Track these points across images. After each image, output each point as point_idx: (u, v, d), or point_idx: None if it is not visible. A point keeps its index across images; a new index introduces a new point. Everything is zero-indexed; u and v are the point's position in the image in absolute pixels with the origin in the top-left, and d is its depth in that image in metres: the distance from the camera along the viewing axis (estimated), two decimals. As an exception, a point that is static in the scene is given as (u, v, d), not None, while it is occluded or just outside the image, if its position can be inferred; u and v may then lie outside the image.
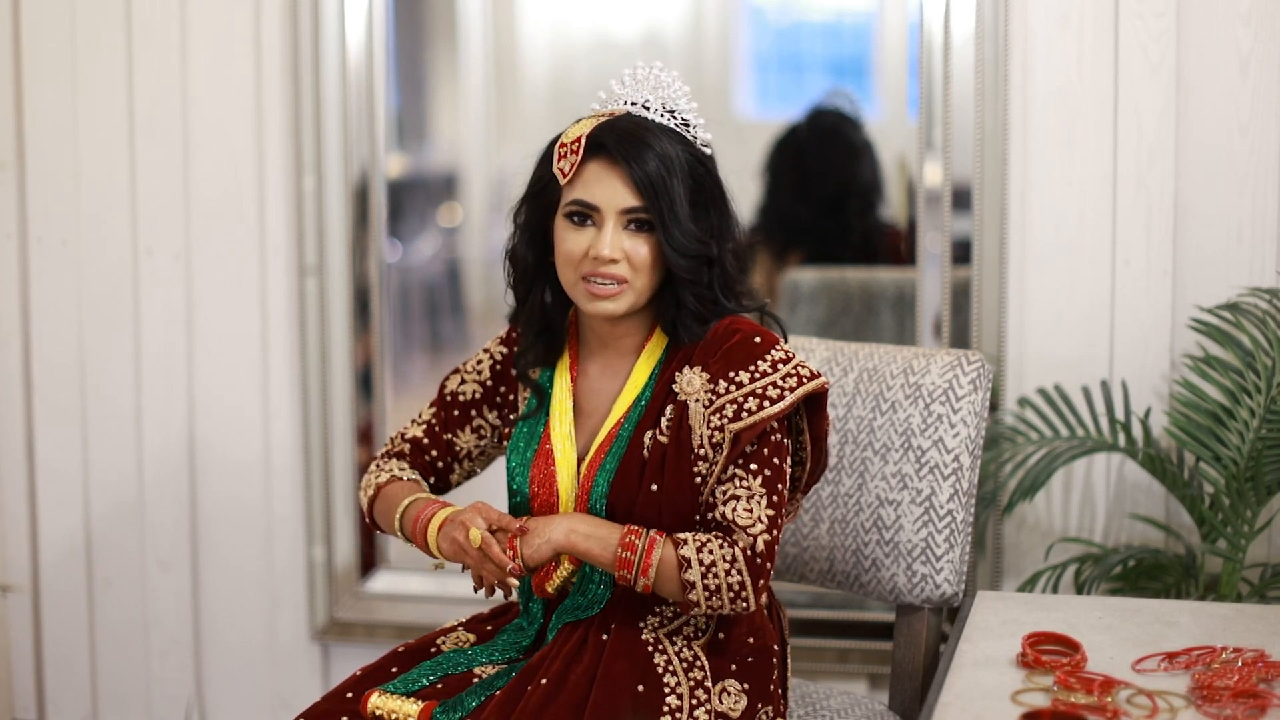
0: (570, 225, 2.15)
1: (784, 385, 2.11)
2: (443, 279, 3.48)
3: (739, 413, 2.11)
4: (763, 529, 2.09)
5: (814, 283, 3.24)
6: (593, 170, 2.13)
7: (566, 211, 2.15)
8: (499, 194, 3.40)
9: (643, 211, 2.12)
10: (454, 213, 3.48)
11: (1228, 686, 1.87)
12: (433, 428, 2.36)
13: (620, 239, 2.12)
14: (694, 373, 2.15)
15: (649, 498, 2.15)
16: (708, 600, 2.09)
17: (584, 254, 2.13)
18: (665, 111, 2.18)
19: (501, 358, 2.35)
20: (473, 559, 2.12)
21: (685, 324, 2.17)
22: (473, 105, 3.46)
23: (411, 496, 2.24)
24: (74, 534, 3.41)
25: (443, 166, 3.52)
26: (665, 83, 2.19)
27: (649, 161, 2.11)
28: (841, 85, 3.26)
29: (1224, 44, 2.85)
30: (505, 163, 3.41)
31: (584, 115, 2.21)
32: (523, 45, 3.36)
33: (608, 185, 2.12)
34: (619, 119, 2.15)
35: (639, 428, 2.18)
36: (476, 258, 3.46)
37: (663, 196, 2.11)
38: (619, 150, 2.11)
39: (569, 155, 2.14)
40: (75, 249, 3.34)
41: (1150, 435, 2.79)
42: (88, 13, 3.28)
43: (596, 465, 2.19)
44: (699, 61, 3.27)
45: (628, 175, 2.11)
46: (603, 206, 2.13)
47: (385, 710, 2.14)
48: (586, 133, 2.13)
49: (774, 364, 2.13)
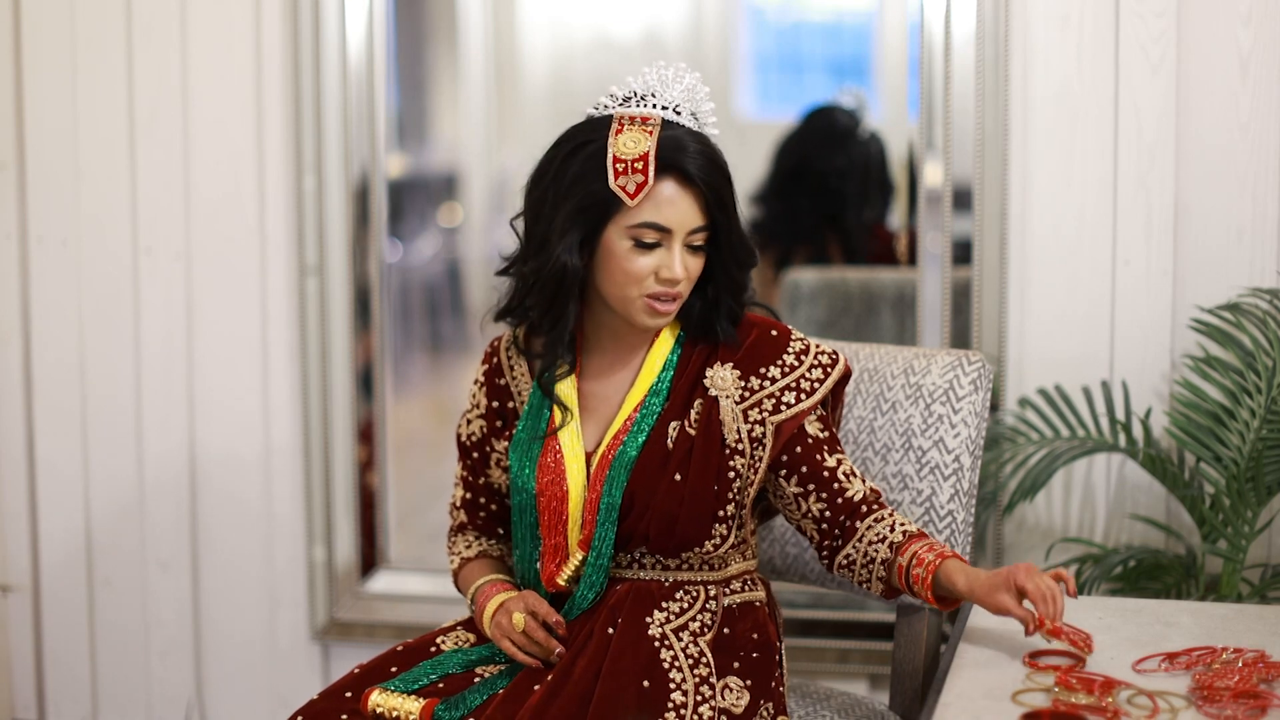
0: (637, 246, 2.13)
1: (813, 376, 2.21)
2: (443, 279, 3.49)
3: (779, 406, 2.19)
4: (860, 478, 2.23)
5: (814, 283, 3.24)
6: (666, 191, 2.12)
7: (635, 234, 2.13)
8: (499, 194, 3.40)
9: (705, 230, 2.15)
10: (454, 213, 3.48)
11: (1228, 687, 1.87)
12: (469, 481, 2.38)
13: (686, 258, 2.14)
14: (725, 369, 2.20)
15: (671, 488, 2.16)
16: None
17: (651, 274, 2.14)
18: (690, 114, 2.18)
19: (485, 375, 2.35)
20: (518, 642, 2.19)
21: (723, 326, 2.22)
22: (473, 105, 3.46)
23: (477, 583, 2.31)
24: (74, 534, 3.41)
25: (443, 166, 3.52)
26: (690, 85, 2.19)
27: (715, 179, 2.13)
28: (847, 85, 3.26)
29: (1224, 44, 2.85)
30: (505, 163, 3.41)
31: (596, 110, 2.18)
32: (523, 45, 3.36)
33: (679, 205, 2.12)
34: (676, 133, 2.14)
35: (661, 419, 2.19)
36: (477, 258, 3.46)
37: (728, 212, 2.15)
38: (693, 170, 2.11)
39: (633, 174, 2.11)
40: (75, 249, 3.34)
41: (1150, 435, 2.79)
42: (88, 13, 3.28)
43: (609, 459, 2.19)
44: (699, 61, 3.27)
45: (702, 198, 2.13)
46: (675, 229, 2.13)
47: (386, 708, 2.14)
48: (653, 151, 2.11)
49: (798, 355, 2.22)
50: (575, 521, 2.21)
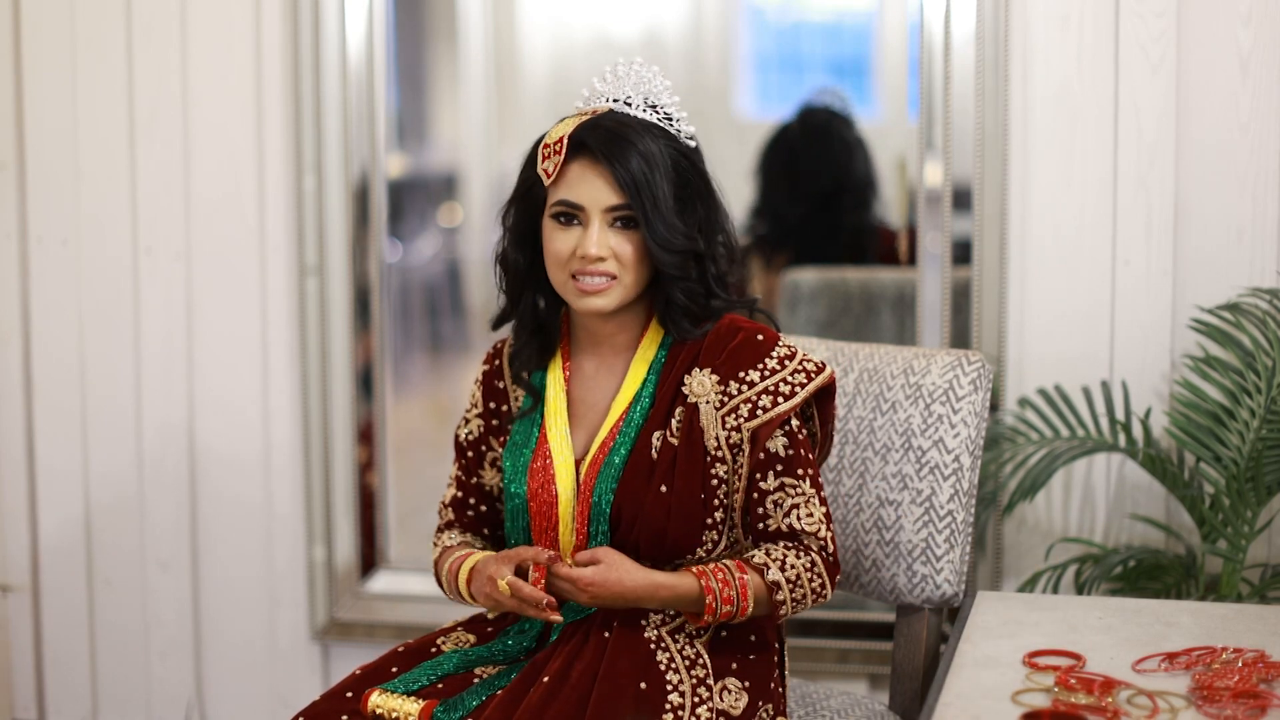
0: (557, 225, 2.17)
1: (794, 381, 2.16)
2: (443, 279, 3.49)
3: (755, 411, 2.15)
4: (825, 527, 2.17)
5: (814, 283, 3.24)
6: (576, 170, 2.15)
7: (553, 212, 2.17)
8: (499, 194, 3.40)
9: (626, 209, 2.14)
10: (454, 213, 3.48)
11: (1228, 687, 1.87)
12: (462, 480, 2.38)
13: (606, 237, 2.14)
14: (703, 375, 2.17)
15: (658, 499, 2.15)
16: (794, 608, 2.16)
17: (571, 253, 2.15)
18: (647, 106, 2.19)
19: (484, 376, 2.35)
20: (512, 606, 2.15)
21: (675, 320, 2.19)
22: (473, 105, 3.46)
23: (448, 561, 2.29)
24: (74, 534, 3.41)
25: (443, 166, 3.52)
26: (646, 78, 2.21)
27: (631, 159, 2.12)
28: (832, 85, 3.26)
29: (1224, 44, 2.85)
30: (505, 163, 3.41)
31: (567, 115, 2.21)
32: (523, 45, 3.36)
33: (591, 184, 2.14)
34: (600, 117, 2.16)
35: (644, 428, 2.19)
36: (476, 258, 3.46)
37: (645, 194, 2.12)
38: (601, 149, 2.12)
39: (552, 156, 2.15)
40: (75, 249, 3.34)
41: (1150, 435, 2.79)
42: (88, 13, 3.28)
43: (598, 464, 2.19)
44: (699, 61, 3.27)
45: (610, 174, 2.13)
46: (587, 206, 2.14)
47: (386, 709, 2.14)
48: (569, 133, 2.14)
49: (781, 360, 2.17)
50: (566, 526, 2.21)
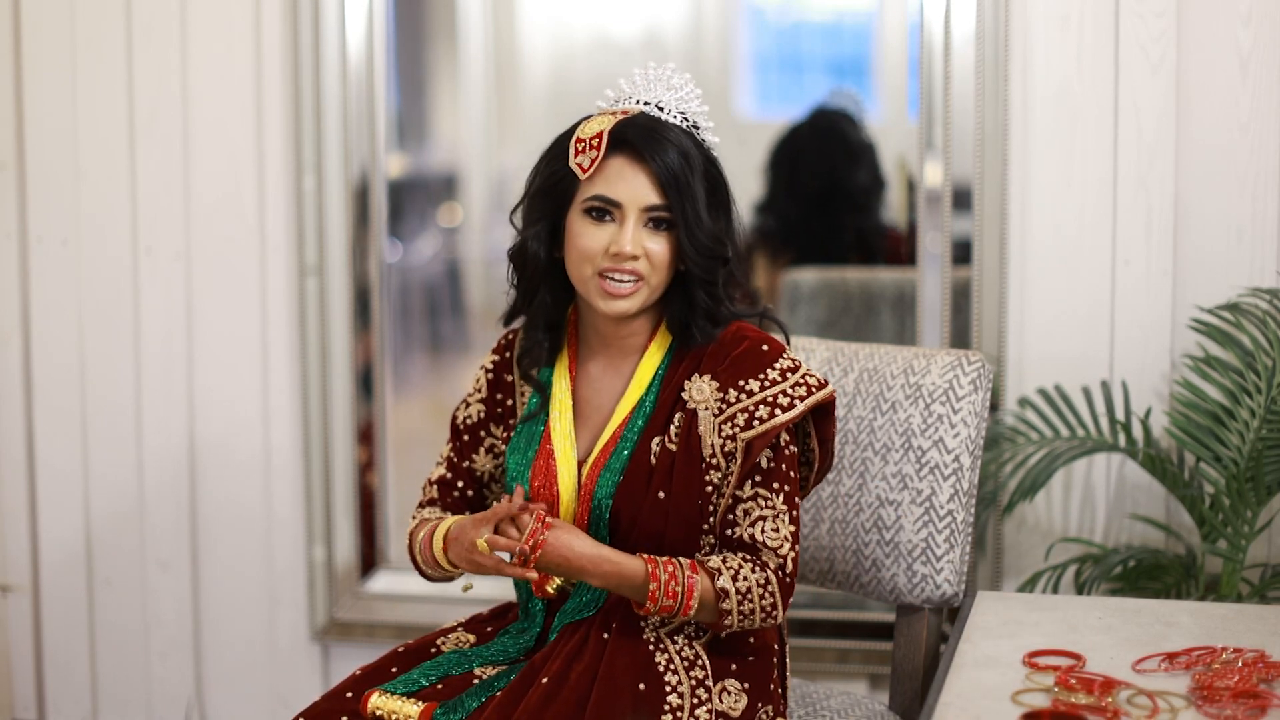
0: (589, 220, 2.14)
1: (794, 394, 2.13)
2: (443, 279, 3.48)
3: (751, 421, 2.12)
4: (789, 547, 2.14)
5: (814, 283, 3.24)
6: (615, 166, 2.13)
7: (586, 207, 2.14)
8: (499, 194, 3.40)
9: (664, 209, 2.13)
10: (454, 213, 3.48)
11: (1228, 687, 1.87)
12: (453, 461, 2.37)
13: (641, 236, 2.13)
14: (703, 381, 2.16)
15: (655, 505, 2.15)
16: (741, 622, 2.13)
17: (603, 250, 2.13)
18: (678, 112, 2.18)
19: (494, 365, 2.35)
20: (492, 565, 2.12)
21: (699, 324, 2.18)
22: (473, 105, 3.46)
23: (421, 532, 2.26)
24: (74, 534, 3.41)
25: (443, 166, 3.51)
26: (678, 84, 2.20)
27: (673, 159, 2.11)
28: (843, 85, 3.26)
29: (1224, 44, 2.85)
30: (505, 163, 3.41)
31: (592, 112, 2.20)
32: (523, 45, 3.36)
33: (630, 182, 2.13)
34: (637, 117, 2.15)
35: (645, 434, 2.18)
36: (476, 258, 3.46)
37: (685, 194, 2.12)
38: (645, 147, 2.11)
39: (589, 150, 2.13)
40: (75, 249, 3.34)
41: (1150, 435, 2.79)
42: (88, 13, 3.28)
43: (600, 466, 2.19)
44: (699, 61, 3.27)
45: (651, 172, 2.12)
46: (625, 202, 2.13)
47: (386, 710, 2.14)
48: (609, 128, 2.13)
49: (783, 373, 2.15)
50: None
